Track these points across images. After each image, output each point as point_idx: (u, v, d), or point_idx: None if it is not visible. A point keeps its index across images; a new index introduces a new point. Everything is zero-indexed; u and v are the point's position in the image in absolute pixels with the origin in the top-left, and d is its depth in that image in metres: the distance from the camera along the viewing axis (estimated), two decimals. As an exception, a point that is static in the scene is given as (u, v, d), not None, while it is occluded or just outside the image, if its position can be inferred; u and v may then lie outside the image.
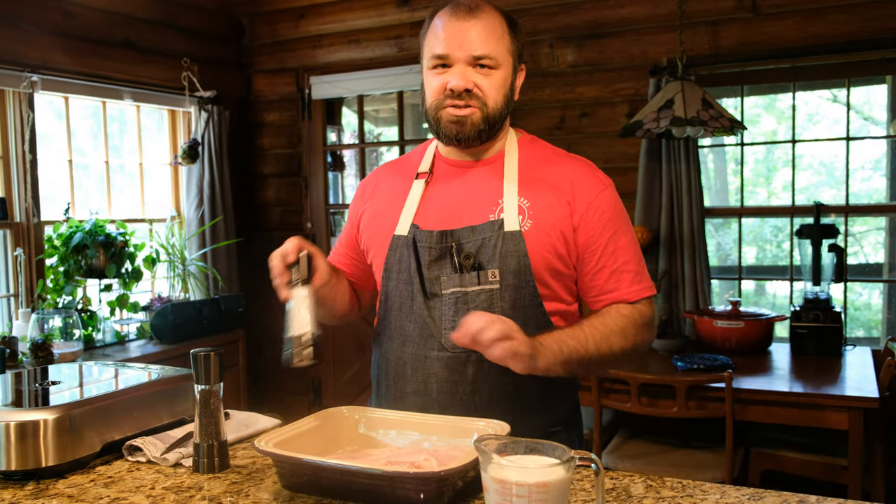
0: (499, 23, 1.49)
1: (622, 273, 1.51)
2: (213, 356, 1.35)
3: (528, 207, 1.48)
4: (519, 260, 1.45)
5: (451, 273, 1.47)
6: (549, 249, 1.47)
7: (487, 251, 1.46)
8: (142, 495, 1.26)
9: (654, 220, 3.83)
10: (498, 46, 1.47)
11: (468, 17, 1.46)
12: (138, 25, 4.21)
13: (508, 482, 0.96)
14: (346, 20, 4.60)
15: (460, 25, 1.45)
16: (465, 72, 1.46)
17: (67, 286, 3.70)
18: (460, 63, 1.46)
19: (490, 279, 1.45)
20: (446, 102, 1.48)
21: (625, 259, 1.51)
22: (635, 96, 3.93)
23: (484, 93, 1.47)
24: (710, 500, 1.17)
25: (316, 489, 1.21)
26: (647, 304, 1.53)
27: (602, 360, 1.45)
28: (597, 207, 1.50)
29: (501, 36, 1.48)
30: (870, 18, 3.46)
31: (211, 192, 4.50)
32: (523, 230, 1.46)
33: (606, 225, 1.50)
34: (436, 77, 1.49)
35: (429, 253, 1.49)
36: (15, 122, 3.63)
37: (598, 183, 1.53)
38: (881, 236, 6.31)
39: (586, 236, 1.49)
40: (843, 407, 2.74)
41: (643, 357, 3.38)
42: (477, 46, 1.45)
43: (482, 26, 1.46)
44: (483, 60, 1.46)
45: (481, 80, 1.47)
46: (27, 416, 1.33)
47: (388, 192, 1.62)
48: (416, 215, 1.54)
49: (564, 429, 1.58)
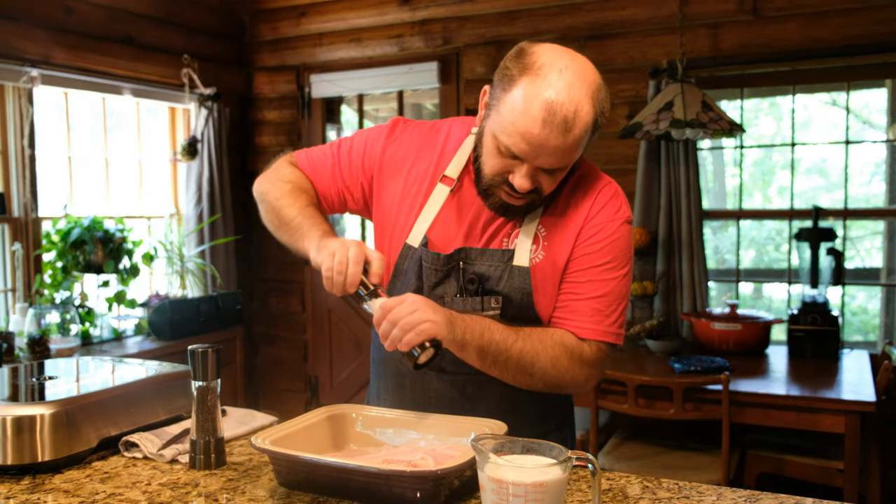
0: (586, 133, 1.30)
1: (585, 306, 1.40)
2: (210, 353, 1.35)
3: (544, 237, 1.43)
4: (523, 297, 1.41)
5: (455, 296, 1.44)
6: (554, 284, 1.42)
7: (493, 280, 1.42)
8: (138, 491, 1.26)
9: (652, 221, 3.83)
10: (574, 157, 1.33)
11: (561, 136, 1.26)
12: (139, 21, 4.21)
13: (505, 482, 0.96)
14: (347, 19, 4.60)
15: (548, 141, 1.26)
16: (532, 175, 1.32)
17: (65, 282, 3.69)
18: (531, 165, 1.31)
19: (493, 305, 1.42)
20: (504, 188, 1.36)
21: (595, 294, 1.40)
22: (635, 98, 3.93)
23: (545, 189, 1.36)
24: (707, 501, 1.17)
25: (312, 487, 1.21)
26: (597, 346, 1.40)
27: (518, 372, 1.36)
28: (598, 235, 1.41)
29: (582, 145, 1.32)
30: (870, 22, 3.47)
31: (210, 189, 4.50)
32: (533, 263, 1.41)
33: (598, 253, 1.41)
34: (500, 158, 1.33)
35: (435, 275, 1.44)
36: (14, 116, 3.62)
37: (613, 211, 1.43)
38: (879, 240, 6.32)
39: (576, 257, 1.42)
40: (839, 410, 2.74)
41: (636, 357, 3.39)
42: (551, 163, 1.30)
43: (571, 146, 1.28)
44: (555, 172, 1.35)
45: (546, 179, 1.34)
46: (23, 410, 1.33)
47: (415, 176, 1.51)
48: (431, 227, 1.46)
49: (557, 429, 1.57)
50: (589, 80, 1.29)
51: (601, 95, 1.31)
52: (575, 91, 1.26)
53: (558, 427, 1.58)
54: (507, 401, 1.46)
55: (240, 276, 4.79)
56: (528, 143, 1.27)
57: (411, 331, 1.25)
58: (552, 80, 1.26)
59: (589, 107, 1.28)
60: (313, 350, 4.87)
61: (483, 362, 1.35)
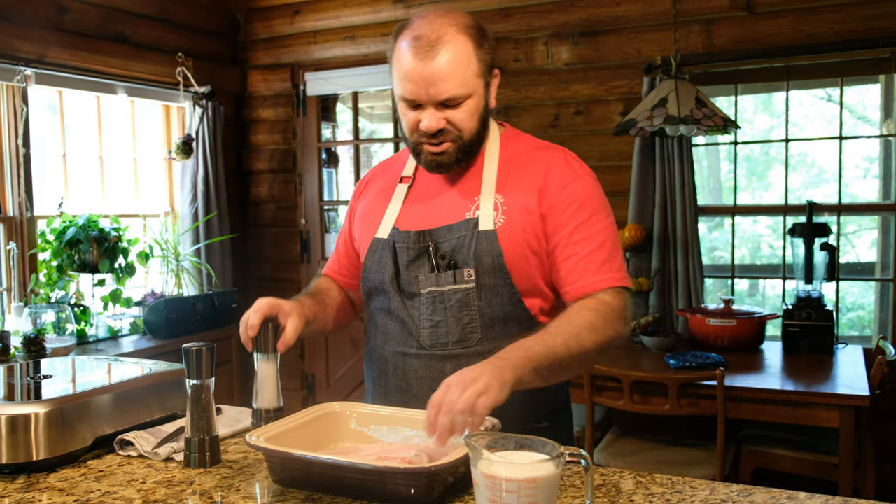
0: (463, 49, 1.41)
1: (588, 262, 1.45)
2: (205, 351, 1.35)
3: (503, 203, 1.48)
4: (493, 259, 1.45)
5: (429, 273, 1.49)
6: (523, 245, 1.46)
7: (463, 250, 1.46)
8: (133, 489, 1.26)
9: (647, 218, 3.84)
10: (465, 79, 1.42)
11: (430, 57, 1.39)
12: (133, 20, 4.20)
13: (498, 478, 0.96)
14: (341, 16, 4.59)
15: (423, 68, 1.39)
16: (435, 114, 1.43)
17: (60, 281, 3.69)
18: (429, 106, 1.43)
19: (466, 278, 1.46)
20: (422, 140, 1.47)
21: (592, 248, 1.45)
22: (629, 94, 3.93)
23: (458, 126, 1.46)
24: (700, 496, 1.18)
25: (307, 484, 1.22)
26: (614, 294, 1.44)
27: (576, 360, 1.37)
28: (567, 196, 1.47)
29: (468, 65, 1.42)
30: (864, 18, 3.47)
31: (205, 187, 4.49)
32: (497, 227, 1.46)
33: (575, 213, 1.46)
34: (408, 112, 1.47)
35: (407, 253, 1.51)
36: (8, 115, 3.62)
37: (571, 172, 1.51)
38: (873, 235, 6.33)
39: (553, 224, 1.47)
40: (834, 405, 2.75)
41: (632, 353, 3.40)
42: (441, 91, 1.41)
43: (446, 64, 1.39)
44: (451, 101, 1.43)
45: (453, 115, 1.44)
46: (19, 409, 1.33)
47: (377, 192, 1.64)
48: (397, 218, 1.56)
49: (550, 425, 1.57)
50: (454, 16, 1.44)
51: (472, 25, 1.45)
52: (436, 23, 1.42)
53: (552, 425, 1.58)
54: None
55: (235, 275, 4.79)
56: (409, 80, 1.41)
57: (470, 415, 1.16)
58: (414, 24, 1.44)
59: (454, 31, 1.41)
60: (310, 348, 4.87)
61: (546, 380, 1.34)
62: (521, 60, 4.18)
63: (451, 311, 1.47)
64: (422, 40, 1.40)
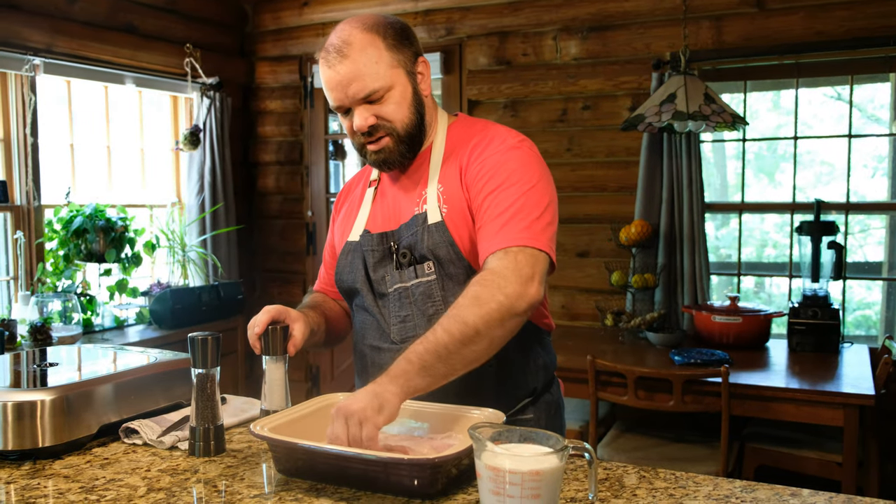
0: (371, 49, 1.44)
1: (488, 230, 1.40)
2: (210, 340, 1.36)
3: (442, 192, 1.50)
4: (448, 249, 1.46)
5: (394, 271, 1.52)
6: (469, 227, 1.47)
7: (421, 245, 1.48)
8: (137, 477, 1.27)
9: (654, 214, 3.83)
10: (379, 73, 1.44)
11: (340, 62, 1.43)
12: (141, 10, 4.20)
13: (502, 470, 0.96)
14: (349, 8, 4.59)
15: (335, 74, 1.44)
16: (362, 112, 1.46)
17: (67, 270, 3.70)
18: (354, 106, 1.47)
19: (426, 271, 1.49)
20: (362, 140, 1.51)
21: (495, 214, 1.39)
22: (638, 90, 3.92)
23: (388, 118, 1.47)
24: (703, 491, 1.18)
25: (311, 474, 1.22)
26: (503, 256, 1.34)
27: (464, 341, 1.26)
28: (479, 167, 1.46)
29: (378, 60, 1.44)
30: (875, 16, 3.45)
31: (212, 178, 4.50)
32: (444, 216, 1.47)
33: (487, 183, 1.43)
34: (344, 120, 1.52)
35: (372, 255, 1.55)
36: (17, 105, 3.63)
37: (488, 144, 1.48)
38: (881, 234, 6.31)
39: (470, 198, 1.47)
40: (838, 404, 2.74)
41: (637, 349, 3.39)
42: (358, 90, 1.44)
43: (355, 66, 1.43)
44: (372, 97, 1.45)
45: (380, 109, 1.47)
46: (25, 396, 1.34)
47: (353, 200, 1.69)
48: (367, 221, 1.60)
49: (535, 417, 1.56)
50: (361, 19, 1.48)
51: (379, 22, 1.47)
52: (342, 31, 1.46)
53: (537, 416, 1.56)
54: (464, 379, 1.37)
55: (241, 266, 4.80)
56: (330, 89, 1.47)
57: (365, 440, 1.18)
58: (327, 39, 1.49)
59: (358, 32, 1.45)
60: (314, 340, 4.87)
61: (445, 374, 1.28)
62: (529, 54, 4.17)
63: (416, 305, 1.49)
64: (331, 50, 1.45)
